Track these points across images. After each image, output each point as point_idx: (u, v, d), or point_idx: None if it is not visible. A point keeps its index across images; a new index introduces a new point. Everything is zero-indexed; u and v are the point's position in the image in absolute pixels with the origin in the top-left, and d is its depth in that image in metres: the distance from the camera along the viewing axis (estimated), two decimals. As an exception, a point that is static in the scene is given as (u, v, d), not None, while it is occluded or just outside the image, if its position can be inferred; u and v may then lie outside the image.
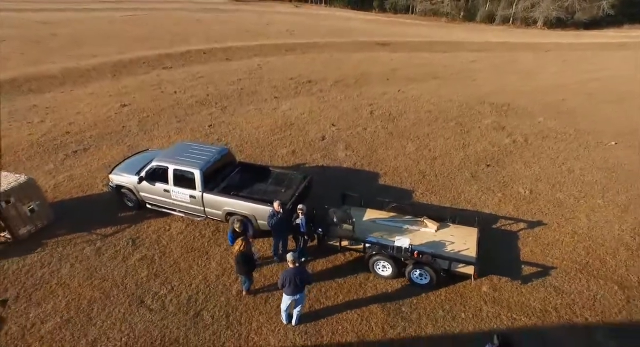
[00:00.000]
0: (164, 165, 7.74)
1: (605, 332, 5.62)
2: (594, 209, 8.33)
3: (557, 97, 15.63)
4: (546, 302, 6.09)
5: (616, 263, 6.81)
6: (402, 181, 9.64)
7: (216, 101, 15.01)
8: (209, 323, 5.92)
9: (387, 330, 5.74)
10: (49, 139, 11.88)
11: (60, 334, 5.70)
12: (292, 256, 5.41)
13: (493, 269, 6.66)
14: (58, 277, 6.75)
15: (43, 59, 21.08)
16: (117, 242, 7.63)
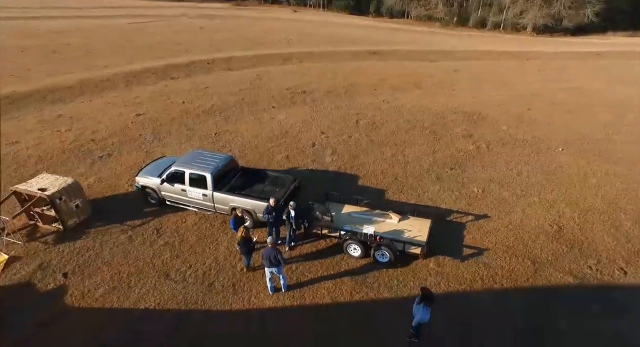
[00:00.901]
0: (182, 170, 9.65)
1: (514, 294, 7.55)
2: (530, 205, 10.25)
3: (524, 107, 17.54)
4: (476, 274, 8.01)
5: (534, 246, 8.73)
6: (378, 182, 11.56)
7: (220, 111, 16.92)
8: (220, 290, 7.83)
9: (354, 295, 7.66)
10: (77, 146, 13.77)
11: (110, 297, 7.62)
12: (271, 239, 7.29)
13: (441, 250, 8.58)
14: (101, 258, 8.66)
15: (61, 69, 23.00)
16: (144, 231, 9.54)
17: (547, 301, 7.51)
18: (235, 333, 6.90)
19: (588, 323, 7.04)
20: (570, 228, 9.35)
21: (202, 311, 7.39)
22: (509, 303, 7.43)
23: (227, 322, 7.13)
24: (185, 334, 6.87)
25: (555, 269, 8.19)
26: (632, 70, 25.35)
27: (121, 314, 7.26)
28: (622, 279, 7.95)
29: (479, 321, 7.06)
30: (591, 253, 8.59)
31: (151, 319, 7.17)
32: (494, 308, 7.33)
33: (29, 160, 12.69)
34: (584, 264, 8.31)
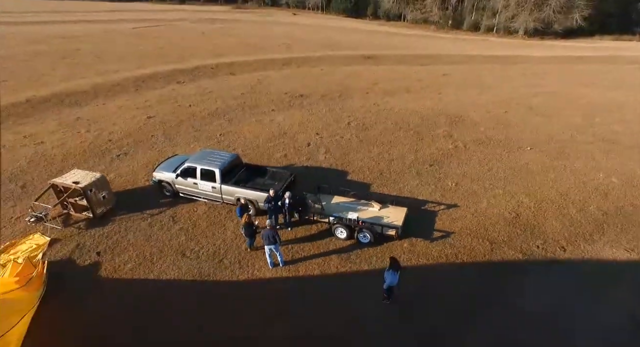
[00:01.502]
0: (194, 166, 11.23)
1: (472, 267, 9.15)
2: (494, 196, 11.85)
3: (502, 110, 19.15)
4: (442, 252, 9.60)
5: (493, 230, 10.32)
6: (365, 177, 13.15)
7: (224, 114, 18.51)
8: (228, 266, 9.41)
9: (340, 268, 9.24)
10: (96, 146, 15.35)
11: (137, 271, 9.20)
12: (270, 222, 8.89)
13: (414, 233, 10.16)
14: (127, 240, 10.23)
15: (74, 74, 24.58)
16: (162, 219, 11.12)
17: (499, 272, 9.10)
18: (241, 295, 8.48)
19: (529, 289, 8.62)
20: (525, 215, 10.96)
21: (213, 281, 8.98)
22: (467, 274, 9.02)
23: (234, 289, 8.71)
24: (201, 297, 8.45)
25: (509, 248, 9.79)
26: (609, 75, 26.97)
27: (147, 284, 8.84)
28: (562, 255, 9.55)
29: (440, 288, 8.65)
30: (540, 235, 10.20)
31: (172, 288, 8.76)
32: (453, 278, 8.92)
33: (55, 158, 14.27)
34: (533, 244, 9.91)
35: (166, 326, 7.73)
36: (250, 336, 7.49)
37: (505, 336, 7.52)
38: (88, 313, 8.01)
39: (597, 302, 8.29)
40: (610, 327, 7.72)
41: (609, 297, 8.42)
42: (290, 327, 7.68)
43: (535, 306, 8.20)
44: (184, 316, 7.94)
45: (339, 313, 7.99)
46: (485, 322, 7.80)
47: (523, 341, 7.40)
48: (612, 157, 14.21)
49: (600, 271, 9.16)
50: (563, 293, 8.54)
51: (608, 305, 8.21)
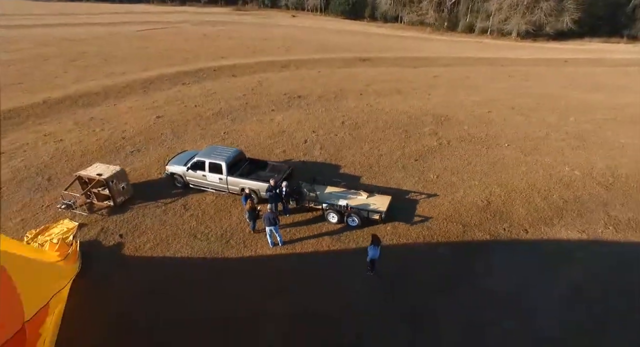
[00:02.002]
0: (203, 160, 12.66)
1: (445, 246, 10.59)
2: (470, 187, 13.29)
3: (486, 110, 20.59)
4: (420, 233, 11.04)
5: (467, 215, 11.77)
6: (355, 170, 14.58)
7: (227, 113, 19.94)
8: (234, 245, 10.83)
9: (331, 247, 10.67)
10: (111, 143, 16.78)
11: (156, 250, 10.62)
12: (270, 207, 10.31)
13: (397, 218, 11.60)
14: (145, 224, 11.66)
15: (84, 77, 26.00)
16: (174, 206, 12.55)
17: (469, 251, 10.54)
18: (247, 266, 9.91)
19: (494, 264, 10.06)
20: (496, 203, 12.40)
21: (222, 258, 10.41)
22: (441, 253, 10.47)
23: (240, 264, 10.15)
24: (211, 272, 9.89)
25: (479, 230, 11.24)
26: (589, 77, 28.41)
27: (164, 261, 10.27)
28: (524, 236, 11.00)
29: (417, 263, 10.09)
30: (507, 219, 11.64)
31: (184, 270, 10.15)
32: (429, 255, 10.36)
33: (75, 154, 15.69)
34: (500, 227, 11.36)
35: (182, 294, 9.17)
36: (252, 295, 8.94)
37: (468, 308, 8.95)
38: (115, 285, 9.44)
39: (550, 277, 9.72)
40: (559, 295, 9.16)
41: (559, 271, 9.86)
42: (287, 295, 9.12)
43: (500, 280, 9.63)
44: (197, 287, 9.37)
45: (327, 282, 9.42)
46: (451, 294, 9.24)
47: (489, 315, 8.83)
48: (579, 152, 15.67)
49: (555, 250, 10.60)
50: (523, 269, 9.97)
51: (557, 278, 9.65)
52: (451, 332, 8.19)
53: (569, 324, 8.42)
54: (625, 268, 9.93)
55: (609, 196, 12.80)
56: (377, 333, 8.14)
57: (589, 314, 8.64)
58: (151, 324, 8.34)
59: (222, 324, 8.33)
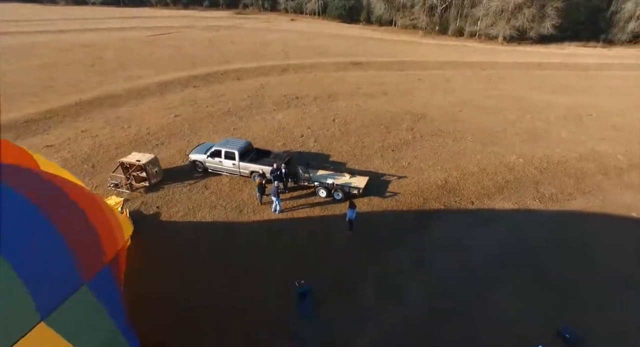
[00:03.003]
0: (219, 149, 15.90)
1: (409, 214, 13.85)
2: (434, 170, 16.55)
3: (458, 109, 23.87)
4: (389, 204, 14.30)
5: (427, 191, 15.03)
6: (342, 158, 17.83)
7: (235, 113, 23.18)
8: (245, 214, 14.07)
9: (320, 214, 13.92)
10: (138, 137, 19.99)
11: (185, 217, 13.87)
12: (276, 183, 13.57)
13: (372, 193, 14.84)
14: (175, 199, 14.89)
15: (105, 80, 29.21)
16: (197, 186, 15.78)
17: (426, 217, 13.79)
18: (256, 227, 13.16)
19: (444, 226, 13.32)
20: (451, 182, 15.67)
21: (236, 221, 13.66)
22: (404, 218, 13.72)
23: (250, 226, 13.39)
24: (227, 231, 13.13)
25: (435, 202, 14.50)
26: (558, 80, 31.69)
27: (192, 225, 13.51)
28: (470, 206, 14.28)
29: (385, 224, 13.33)
30: (458, 194, 14.92)
31: (208, 229, 13.38)
32: (394, 219, 13.61)
33: (110, 147, 18.91)
34: (452, 200, 14.63)
35: (206, 247, 12.42)
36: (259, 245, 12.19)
37: (421, 250, 12.20)
38: (158, 240, 12.68)
39: (483, 233, 12.99)
40: (488, 245, 12.42)
41: (491, 230, 13.13)
42: (287, 245, 12.38)
43: (445, 234, 12.90)
44: (217, 242, 12.63)
45: (314, 237, 12.69)
46: (408, 243, 12.50)
47: (435, 256, 12.08)
48: (526, 144, 18.94)
49: (491, 215, 13.88)
50: (463, 227, 13.25)
51: (490, 234, 12.92)
52: (406, 264, 11.45)
53: (492, 256, 11.69)
54: (537, 227, 13.22)
55: (541, 177, 16.09)
56: (352, 267, 11.39)
57: (505, 252, 11.91)
58: (185, 266, 11.56)
59: (234, 266, 11.58)
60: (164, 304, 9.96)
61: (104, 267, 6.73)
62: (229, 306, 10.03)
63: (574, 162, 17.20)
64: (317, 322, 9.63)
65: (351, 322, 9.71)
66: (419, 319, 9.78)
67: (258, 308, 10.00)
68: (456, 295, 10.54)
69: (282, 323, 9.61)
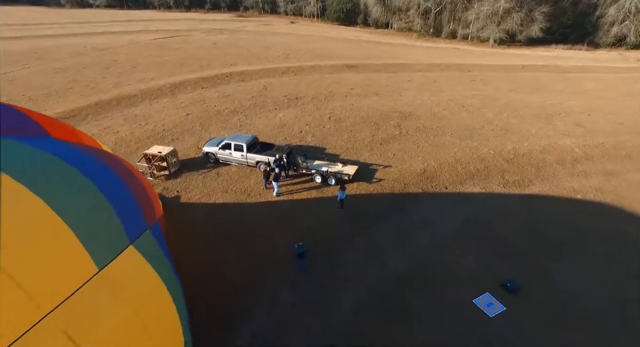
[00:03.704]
0: (229, 142, 18.44)
1: (391, 196, 16.39)
2: (415, 161, 19.08)
3: (441, 108, 26.41)
4: (375, 188, 16.83)
5: (408, 178, 17.56)
6: (336, 151, 20.35)
7: (241, 111, 25.70)
8: (252, 196, 16.60)
9: (316, 196, 16.46)
10: (155, 133, 22.52)
11: (201, 200, 16.39)
12: (277, 172, 16.12)
13: (361, 179, 17.38)
14: (192, 185, 17.41)
15: (120, 82, 31.72)
16: (210, 174, 18.30)
17: (405, 199, 16.31)
18: (262, 206, 15.69)
19: (419, 206, 15.85)
20: (429, 171, 18.21)
21: (244, 202, 16.18)
22: (386, 199, 16.25)
23: (255, 207, 15.92)
24: (237, 209, 15.65)
25: (414, 187, 17.04)
26: (537, 81, 34.20)
27: (208, 205, 16.03)
28: (443, 190, 16.82)
29: (370, 205, 15.86)
30: (434, 180, 17.45)
31: (222, 208, 15.92)
32: (378, 200, 16.13)
33: (131, 141, 21.43)
34: (429, 185, 17.17)
35: (220, 223, 14.95)
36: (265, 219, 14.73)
37: (399, 225, 14.73)
38: (181, 217, 15.21)
39: (453, 212, 15.52)
40: (455, 221, 14.95)
41: (459, 210, 15.66)
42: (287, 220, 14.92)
43: (420, 213, 15.44)
44: (229, 218, 15.16)
45: (310, 213, 15.22)
46: (389, 219, 15.03)
47: (410, 229, 14.61)
48: (499, 139, 21.47)
49: (461, 198, 16.41)
50: (437, 207, 15.79)
51: (458, 213, 15.45)
52: (384, 235, 13.98)
53: (457, 230, 14.22)
54: (498, 207, 15.76)
55: (508, 166, 18.63)
56: (341, 237, 13.92)
57: (469, 227, 14.44)
58: (204, 235, 14.09)
59: (245, 233, 14.10)
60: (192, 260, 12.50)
61: (155, 223, 9.24)
62: (241, 260, 12.57)
63: (537, 154, 19.74)
64: (310, 276, 12.17)
65: (338, 278, 12.24)
66: (395, 276, 12.31)
67: (265, 263, 12.54)
68: (426, 260, 13.07)
69: (284, 275, 12.14)
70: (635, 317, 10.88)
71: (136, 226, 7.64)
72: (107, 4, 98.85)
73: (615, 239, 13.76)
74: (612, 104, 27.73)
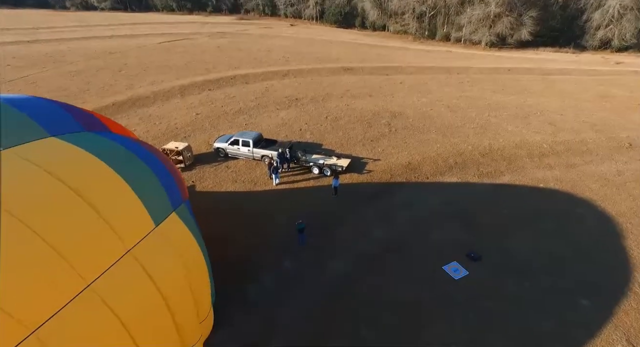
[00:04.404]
0: (238, 138, 20.96)
1: (377, 185, 18.92)
2: (401, 155, 21.60)
3: (429, 108, 28.92)
4: (364, 178, 19.36)
5: (394, 169, 20.08)
6: (332, 146, 22.86)
7: (245, 111, 28.21)
8: (259, 185, 19.12)
9: (313, 185, 18.97)
10: (169, 131, 25.01)
11: (214, 188, 18.90)
12: (279, 164, 18.68)
13: (353, 170, 19.90)
14: (205, 176, 19.92)
15: (132, 84, 34.20)
16: (221, 167, 20.81)
17: (391, 187, 18.83)
18: (267, 193, 18.21)
19: (403, 193, 18.37)
20: (413, 163, 20.74)
21: (252, 191, 18.69)
22: (374, 187, 18.77)
23: (261, 194, 18.43)
24: (246, 196, 18.17)
25: (399, 177, 19.56)
26: (520, 83, 36.71)
27: (220, 193, 18.54)
28: (425, 180, 19.35)
29: (361, 191, 18.38)
30: (417, 172, 19.99)
31: (232, 195, 18.43)
32: (368, 189, 18.65)
33: (148, 139, 23.90)
34: (412, 175, 19.70)
35: (231, 207, 17.47)
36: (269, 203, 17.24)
37: (384, 208, 17.24)
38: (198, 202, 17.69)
39: (432, 197, 18.03)
40: (432, 205, 17.46)
41: (437, 196, 18.19)
42: (287, 203, 17.43)
43: (403, 198, 17.95)
44: (238, 202, 17.67)
45: (309, 199, 17.73)
46: (376, 203, 17.55)
47: (393, 210, 17.13)
48: (478, 136, 24.00)
49: (440, 186, 18.94)
50: (418, 193, 18.31)
51: (436, 199, 17.98)
52: (371, 216, 16.50)
53: (434, 212, 16.74)
54: (471, 194, 18.28)
55: (483, 159, 21.18)
56: (334, 217, 16.43)
57: (444, 209, 16.95)
58: (218, 216, 16.59)
59: (253, 214, 16.61)
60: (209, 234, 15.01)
61: (187, 198, 11.74)
62: (251, 234, 15.08)
63: (510, 149, 22.28)
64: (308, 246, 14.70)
65: (331, 249, 14.75)
66: (378, 246, 14.84)
67: (270, 238, 15.06)
68: (405, 235, 15.59)
69: (286, 248, 14.66)
70: (571, 270, 13.41)
71: (176, 198, 10.12)
72: (111, 7, 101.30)
73: (565, 218, 16.30)
74: (583, 105, 30.29)
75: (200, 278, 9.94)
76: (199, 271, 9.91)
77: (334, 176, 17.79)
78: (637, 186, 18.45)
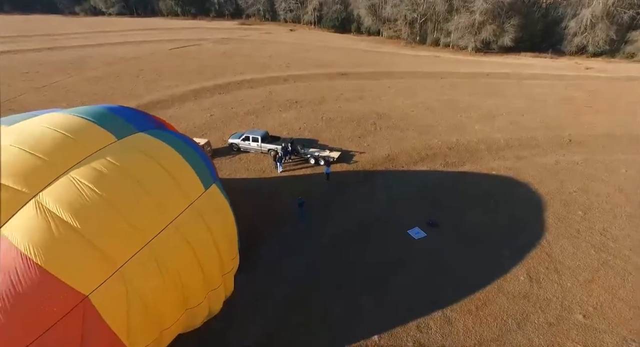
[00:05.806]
0: (248, 135, 25.47)
1: (364, 173, 23.45)
2: (383, 149, 26.08)
3: (411, 110, 33.46)
4: (353, 167, 23.86)
5: (377, 160, 24.57)
6: (326, 142, 27.35)
7: (253, 113, 32.69)
8: (267, 173, 23.59)
9: (311, 172, 23.47)
10: (188, 130, 29.46)
11: (231, 176, 23.38)
12: (282, 156, 23.18)
13: (343, 161, 24.39)
14: (222, 166, 24.37)
15: (150, 89, 38.65)
16: (234, 159, 25.28)
17: (372, 174, 23.32)
18: (273, 179, 22.71)
19: (382, 179, 22.86)
20: (392, 155, 25.24)
21: (261, 177, 23.17)
22: (359, 175, 23.26)
23: (268, 179, 22.92)
24: (257, 182, 22.64)
25: (382, 167, 24.06)
26: (495, 87, 41.28)
27: (236, 179, 23.00)
28: (401, 169, 23.87)
29: (348, 178, 22.87)
30: (395, 162, 24.50)
31: (245, 181, 22.89)
32: (354, 175, 23.14)
33: (172, 136, 28.37)
34: (390, 165, 24.22)
35: (245, 191, 21.96)
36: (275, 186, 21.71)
37: (366, 190, 21.73)
38: (218, 184, 22.19)
39: (407, 183, 22.54)
40: (406, 188, 21.96)
41: (410, 181, 22.70)
42: (289, 185, 21.92)
43: (382, 183, 22.44)
44: (251, 185, 22.16)
45: (306, 183, 22.23)
46: (360, 186, 22.05)
47: (373, 192, 21.62)
48: (449, 133, 28.50)
49: (412, 174, 23.45)
50: (394, 179, 22.82)
51: (409, 183, 22.49)
52: (356, 196, 21.00)
53: (407, 193, 21.24)
54: (437, 179, 22.81)
55: (450, 152, 25.70)
56: (326, 197, 20.92)
57: (414, 191, 21.45)
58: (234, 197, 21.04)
59: (262, 194, 21.08)
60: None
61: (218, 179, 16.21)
62: (260, 210, 19.56)
63: (473, 144, 26.81)
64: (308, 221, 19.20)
65: (324, 221, 19.22)
66: (360, 219, 19.32)
67: (277, 211, 19.54)
68: (381, 210, 20.07)
69: (290, 220, 19.14)
70: (505, 234, 17.91)
71: (213, 174, 14.63)
72: (118, 12, 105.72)
73: (508, 197, 20.83)
74: (546, 107, 34.84)
75: (232, 230, 14.45)
76: (232, 231, 14.41)
77: (326, 165, 22.29)
78: (566, 172, 23.00)
